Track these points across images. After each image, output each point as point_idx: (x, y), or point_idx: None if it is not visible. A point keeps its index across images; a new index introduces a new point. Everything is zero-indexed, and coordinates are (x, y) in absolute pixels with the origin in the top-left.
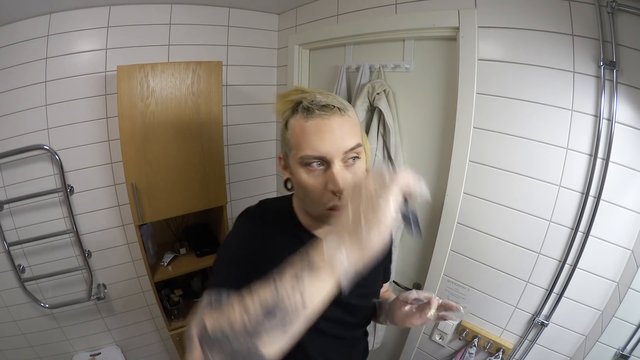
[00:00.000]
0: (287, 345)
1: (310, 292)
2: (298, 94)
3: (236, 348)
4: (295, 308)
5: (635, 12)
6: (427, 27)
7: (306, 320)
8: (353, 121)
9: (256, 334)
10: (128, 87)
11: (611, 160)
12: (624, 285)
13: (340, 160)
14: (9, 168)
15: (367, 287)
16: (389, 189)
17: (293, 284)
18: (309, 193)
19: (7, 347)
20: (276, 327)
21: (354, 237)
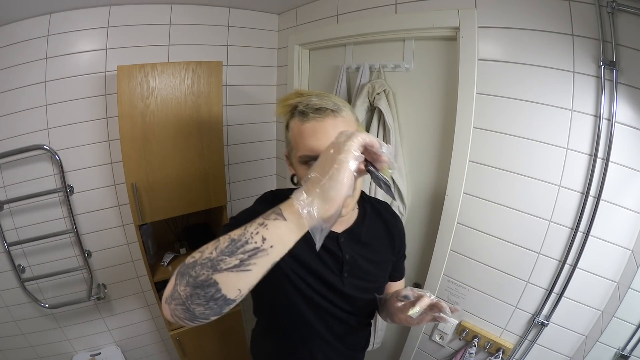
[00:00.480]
0: (248, 287)
1: (272, 234)
2: (295, 98)
3: (198, 277)
4: (255, 247)
5: (635, 12)
6: (427, 27)
7: (267, 262)
8: (347, 121)
9: (218, 266)
10: (128, 87)
11: (611, 160)
12: (624, 285)
13: None
14: (9, 168)
15: (367, 282)
16: (348, 146)
17: (258, 227)
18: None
19: (7, 347)
20: (237, 264)
21: (318, 189)
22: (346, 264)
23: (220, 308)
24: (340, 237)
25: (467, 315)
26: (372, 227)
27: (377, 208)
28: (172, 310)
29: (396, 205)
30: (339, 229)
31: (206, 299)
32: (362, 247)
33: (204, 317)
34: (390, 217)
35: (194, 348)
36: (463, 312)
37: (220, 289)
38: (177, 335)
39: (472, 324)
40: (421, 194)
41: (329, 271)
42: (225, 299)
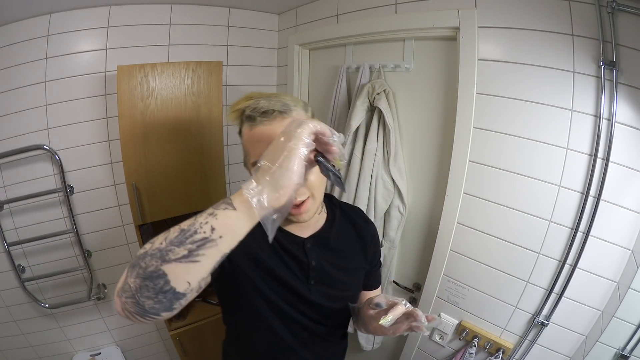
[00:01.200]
0: (197, 279)
1: (221, 224)
2: (244, 102)
3: (147, 268)
4: (204, 237)
5: (635, 12)
6: (427, 27)
7: (216, 254)
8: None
9: (166, 256)
10: (128, 87)
11: (611, 160)
12: (624, 285)
13: None
14: (9, 168)
15: (337, 289)
16: (298, 134)
17: (207, 217)
18: None
19: (7, 347)
20: (186, 254)
21: (268, 177)
22: (312, 270)
23: (170, 302)
24: (306, 243)
25: (467, 315)
26: (341, 232)
27: (348, 213)
28: (122, 304)
29: (396, 205)
30: (305, 233)
31: (155, 291)
32: (331, 253)
33: (154, 312)
34: (362, 222)
35: (194, 348)
36: (440, 320)
37: (169, 280)
38: (177, 335)
39: (472, 324)
40: (421, 194)
41: (294, 277)
42: (174, 292)
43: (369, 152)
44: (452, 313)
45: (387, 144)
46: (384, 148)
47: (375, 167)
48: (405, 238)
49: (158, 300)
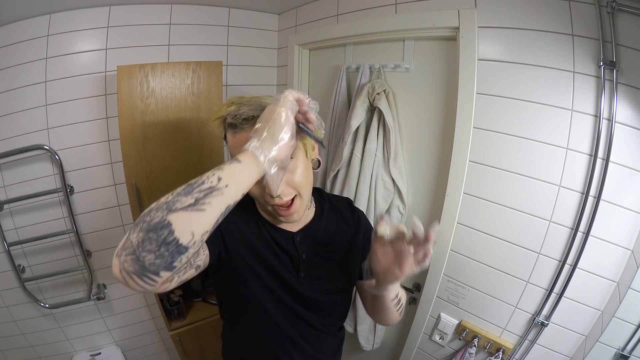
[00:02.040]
0: (201, 230)
1: (227, 174)
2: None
3: (152, 220)
4: (211, 186)
5: (635, 12)
6: (427, 27)
7: (221, 203)
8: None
9: (173, 206)
10: (128, 87)
11: (611, 160)
12: (624, 285)
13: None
14: (9, 168)
15: (327, 282)
16: (284, 98)
17: (214, 171)
18: (253, 196)
19: (7, 347)
20: (192, 202)
21: (265, 133)
22: (303, 263)
23: (171, 257)
24: (295, 237)
25: (467, 315)
26: (330, 225)
27: (336, 205)
28: (121, 264)
29: (396, 205)
30: (295, 228)
31: (158, 243)
32: (320, 246)
33: (153, 271)
34: (349, 212)
35: (194, 348)
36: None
37: (174, 230)
38: (177, 335)
39: (472, 324)
40: (421, 194)
41: (285, 270)
42: (177, 244)
43: (369, 152)
44: (452, 313)
45: (387, 144)
46: (384, 148)
47: (375, 167)
48: None
49: (160, 253)
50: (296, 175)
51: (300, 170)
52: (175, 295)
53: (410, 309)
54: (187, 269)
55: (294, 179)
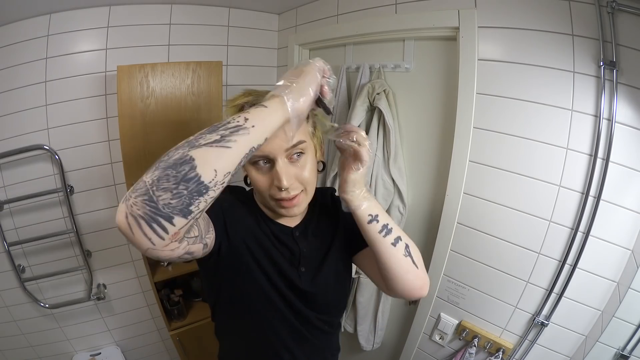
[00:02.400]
0: (225, 169)
1: (254, 116)
2: (243, 98)
3: (171, 157)
4: (237, 124)
5: (635, 12)
6: (427, 27)
7: (247, 143)
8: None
9: (196, 142)
10: (128, 87)
11: (611, 160)
12: (624, 285)
13: (285, 157)
14: (9, 168)
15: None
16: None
17: (240, 113)
18: (259, 188)
19: (7, 347)
20: (218, 139)
21: (294, 84)
22: (303, 257)
23: (190, 197)
24: (294, 232)
25: (467, 315)
26: (322, 217)
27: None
28: (128, 207)
29: (396, 205)
30: (292, 223)
31: (177, 180)
32: (315, 239)
33: (167, 214)
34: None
35: (194, 348)
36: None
37: (196, 166)
38: (177, 335)
39: (472, 324)
40: (421, 194)
41: (287, 264)
42: (198, 181)
43: None
44: (452, 313)
45: (387, 144)
46: (384, 148)
47: (375, 167)
48: None
49: (178, 192)
50: (306, 171)
51: (309, 167)
52: (175, 295)
53: (410, 309)
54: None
55: (304, 174)
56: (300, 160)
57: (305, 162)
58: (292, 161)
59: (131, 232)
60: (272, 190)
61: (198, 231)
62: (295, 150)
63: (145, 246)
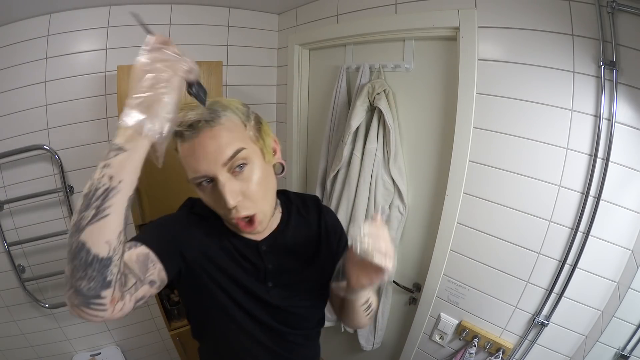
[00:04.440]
0: (114, 235)
1: (117, 170)
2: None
3: (71, 248)
4: (105, 188)
5: (635, 12)
6: (427, 27)
7: (122, 199)
8: (228, 126)
9: (80, 225)
10: (128, 87)
11: (611, 160)
12: (624, 285)
13: (226, 171)
14: (9, 168)
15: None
16: (150, 61)
17: (102, 170)
18: (212, 208)
19: (7, 347)
20: (95, 213)
21: (143, 100)
22: (269, 273)
23: (100, 274)
24: (260, 246)
25: (467, 315)
26: (298, 230)
27: (303, 207)
28: (69, 301)
29: (396, 205)
30: (259, 236)
31: (83, 267)
32: (288, 254)
33: (93, 295)
34: (316, 213)
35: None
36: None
37: (89, 248)
38: (177, 335)
39: (472, 324)
40: (421, 194)
41: (251, 280)
42: (98, 259)
43: (369, 152)
44: (452, 313)
45: (387, 144)
46: (384, 148)
47: (375, 167)
48: (405, 238)
49: (89, 276)
50: (252, 184)
51: (257, 178)
52: (175, 295)
53: (410, 309)
54: (137, 286)
55: (250, 188)
56: (244, 172)
57: (250, 173)
58: (236, 174)
59: (82, 317)
60: (224, 210)
61: (134, 278)
62: (235, 161)
63: (98, 320)
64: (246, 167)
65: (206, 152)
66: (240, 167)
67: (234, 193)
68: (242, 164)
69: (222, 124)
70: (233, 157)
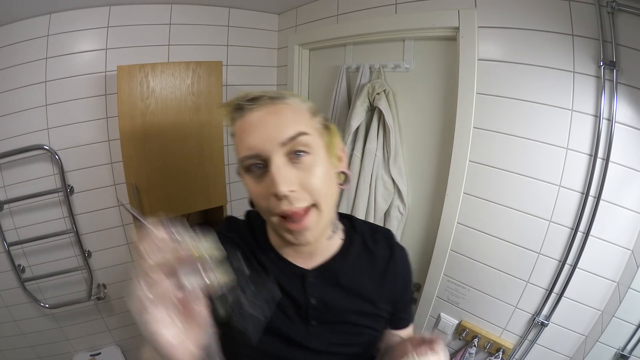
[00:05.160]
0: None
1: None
2: (234, 98)
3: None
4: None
5: (635, 12)
6: (427, 27)
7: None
8: (293, 108)
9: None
10: (128, 87)
11: (611, 160)
12: (624, 285)
13: (283, 154)
14: (9, 168)
15: (346, 335)
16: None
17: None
18: (255, 202)
19: (7, 347)
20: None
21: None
22: (313, 309)
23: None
24: (307, 276)
25: (467, 315)
26: (358, 263)
27: (371, 240)
28: None
29: (396, 205)
30: (309, 264)
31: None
32: (340, 291)
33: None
34: (386, 250)
35: None
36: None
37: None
38: None
39: (472, 324)
40: (421, 194)
41: (287, 320)
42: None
43: (369, 152)
44: (452, 313)
45: (387, 144)
46: (384, 148)
47: (375, 167)
48: (405, 238)
49: None
50: (313, 176)
51: (319, 171)
52: None
53: None
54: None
55: (310, 180)
56: (303, 161)
57: (312, 162)
58: (293, 161)
59: None
60: (270, 202)
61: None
62: (295, 145)
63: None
64: (307, 157)
65: (265, 127)
66: (299, 153)
67: (288, 180)
68: (302, 150)
69: (289, 104)
70: (294, 139)
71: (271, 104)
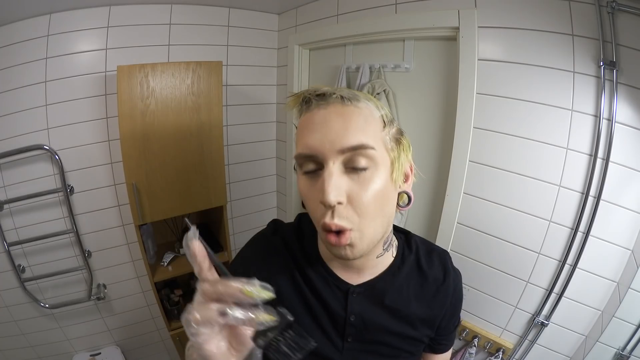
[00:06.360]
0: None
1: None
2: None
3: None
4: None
5: (635, 12)
6: (427, 27)
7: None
8: (364, 114)
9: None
10: (128, 87)
11: (611, 160)
12: (624, 285)
13: (340, 162)
14: (9, 168)
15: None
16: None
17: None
18: (307, 206)
19: (7, 347)
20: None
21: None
22: (350, 326)
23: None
24: (352, 291)
25: (467, 315)
26: (407, 285)
27: (425, 259)
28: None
29: None
30: (355, 280)
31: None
32: (382, 310)
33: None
34: (441, 271)
35: None
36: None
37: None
38: (177, 335)
39: (472, 324)
40: (421, 194)
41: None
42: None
43: None
44: None
45: None
46: None
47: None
48: None
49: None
50: (366, 193)
51: (374, 188)
52: (175, 295)
53: None
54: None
55: (362, 195)
56: (361, 176)
57: (368, 180)
58: (350, 174)
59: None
60: (319, 208)
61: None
62: (355, 156)
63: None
64: (366, 173)
65: (327, 128)
66: (358, 168)
67: (338, 189)
68: (362, 167)
69: (360, 108)
70: (355, 149)
71: (340, 105)
